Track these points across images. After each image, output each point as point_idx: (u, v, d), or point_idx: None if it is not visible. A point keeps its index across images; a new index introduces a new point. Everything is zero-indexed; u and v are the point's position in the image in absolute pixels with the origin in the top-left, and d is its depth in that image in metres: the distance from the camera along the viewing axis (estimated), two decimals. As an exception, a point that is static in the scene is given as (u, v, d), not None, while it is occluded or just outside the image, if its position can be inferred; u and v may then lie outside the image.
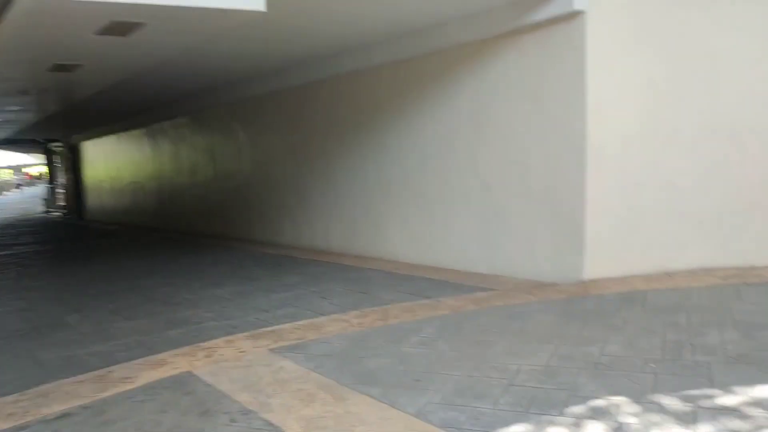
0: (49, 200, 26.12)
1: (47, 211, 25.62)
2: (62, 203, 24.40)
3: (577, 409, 3.06)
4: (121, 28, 5.80)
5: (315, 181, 9.68)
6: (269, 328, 5.01)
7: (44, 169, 24.84)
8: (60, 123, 17.33)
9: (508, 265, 6.67)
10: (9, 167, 59.01)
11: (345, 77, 8.72)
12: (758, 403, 3.01)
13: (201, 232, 13.33)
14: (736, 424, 2.81)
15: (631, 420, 2.90)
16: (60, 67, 7.81)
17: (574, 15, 5.77)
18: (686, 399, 3.10)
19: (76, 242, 14.11)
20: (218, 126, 12.39)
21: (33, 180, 50.64)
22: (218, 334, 5.07)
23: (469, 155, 7.03)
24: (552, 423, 2.92)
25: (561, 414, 3.01)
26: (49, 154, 25.94)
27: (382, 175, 8.31)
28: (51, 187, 26.50)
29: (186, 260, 9.62)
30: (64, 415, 3.32)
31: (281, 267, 8.32)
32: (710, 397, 3.12)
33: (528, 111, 6.35)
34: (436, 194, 7.52)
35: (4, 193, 48.46)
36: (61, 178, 24.84)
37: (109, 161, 18.65)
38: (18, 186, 50.49)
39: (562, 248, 6.14)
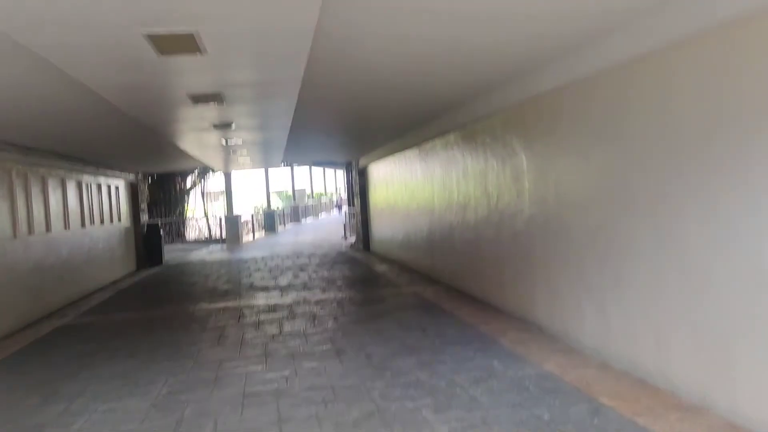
0: (347, 226, 25.11)
1: (345, 237, 24.61)
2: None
3: None
4: None
5: (642, 240, 5.18)
6: None
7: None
8: (339, 142, 15.36)
9: None
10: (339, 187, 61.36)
11: (698, 41, 4.12)
12: None
13: (469, 294, 9.60)
14: None
15: None
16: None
17: None
18: None
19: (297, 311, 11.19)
20: (492, 144, 8.53)
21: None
22: None
23: None
24: None
25: None
26: (348, 176, 25.00)
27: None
28: (350, 213, 25.55)
29: (395, 381, 5.74)
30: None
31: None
32: None
33: None
34: None
35: (321, 214, 47.37)
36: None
37: (389, 187, 16.11)
38: (338, 206, 48.25)
39: None
